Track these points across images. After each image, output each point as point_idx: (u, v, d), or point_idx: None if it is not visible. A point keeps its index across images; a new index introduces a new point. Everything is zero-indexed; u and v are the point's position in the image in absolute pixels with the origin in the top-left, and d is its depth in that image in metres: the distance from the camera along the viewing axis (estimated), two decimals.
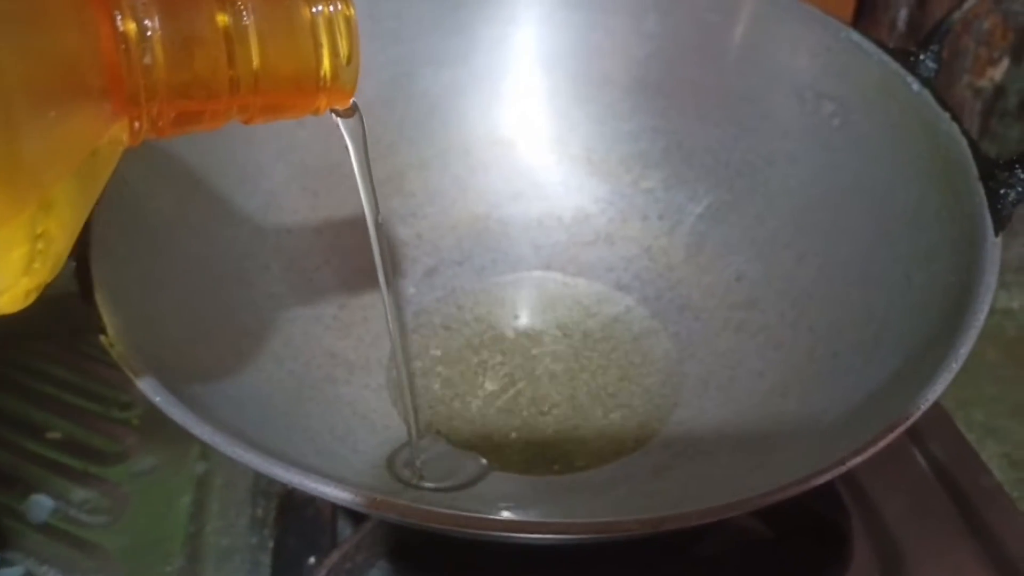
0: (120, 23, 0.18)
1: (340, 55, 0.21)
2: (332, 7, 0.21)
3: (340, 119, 0.25)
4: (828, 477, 0.26)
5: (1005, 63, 0.57)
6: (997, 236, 0.32)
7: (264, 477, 0.37)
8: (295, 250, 0.41)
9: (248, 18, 0.20)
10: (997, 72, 0.58)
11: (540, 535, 0.26)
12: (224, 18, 0.20)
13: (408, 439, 0.36)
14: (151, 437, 0.42)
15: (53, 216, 0.17)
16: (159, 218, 0.35)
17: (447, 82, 0.45)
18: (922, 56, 0.37)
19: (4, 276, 0.17)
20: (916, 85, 0.36)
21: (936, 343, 0.30)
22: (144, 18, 0.18)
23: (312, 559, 0.36)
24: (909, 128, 0.36)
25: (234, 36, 0.20)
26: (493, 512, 0.33)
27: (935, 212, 0.34)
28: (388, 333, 0.34)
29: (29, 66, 0.16)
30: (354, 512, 0.35)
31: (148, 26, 0.18)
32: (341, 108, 0.24)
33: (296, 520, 0.38)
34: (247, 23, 0.20)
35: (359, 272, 0.41)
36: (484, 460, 0.37)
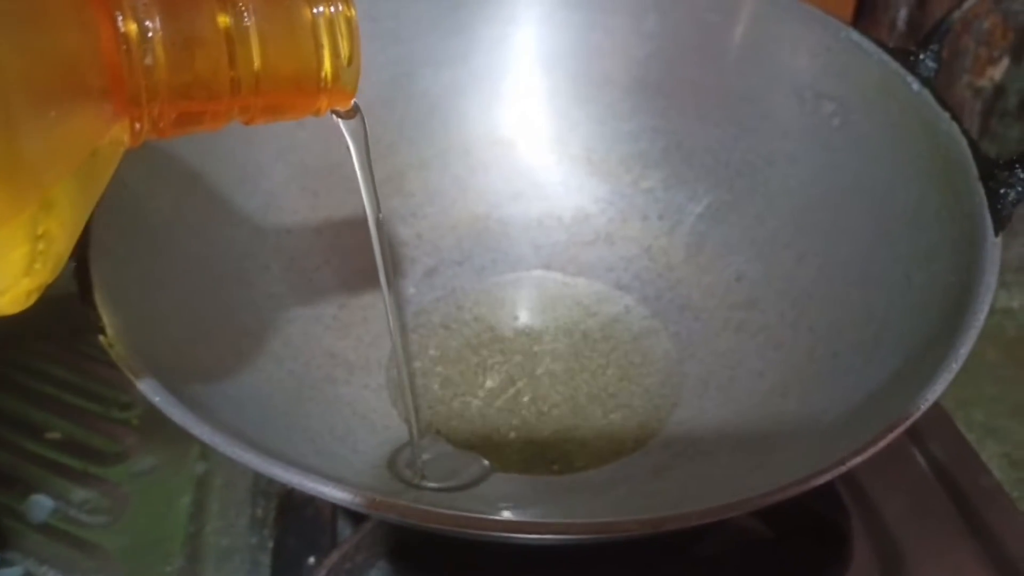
0: (121, 24, 0.18)
1: (341, 56, 0.21)
2: (333, 8, 0.21)
3: (341, 120, 0.25)
4: (828, 477, 0.26)
5: (1005, 63, 0.57)
6: (997, 236, 0.32)
7: (264, 477, 0.37)
8: (295, 250, 0.41)
9: (249, 19, 0.20)
10: (997, 72, 0.58)
11: (540, 535, 0.26)
12: (225, 19, 0.20)
13: (409, 439, 0.36)
14: (151, 437, 0.42)
15: (54, 216, 0.17)
16: (159, 218, 0.35)
17: (447, 82, 0.45)
18: (922, 56, 0.37)
19: (5, 276, 0.17)
20: (916, 85, 0.36)
21: (936, 343, 0.30)
22: (145, 19, 0.18)
23: (312, 559, 0.36)
24: (909, 128, 0.36)
25: (235, 37, 0.20)
26: (493, 512, 0.33)
27: (935, 212, 0.34)
28: (388, 333, 0.34)
29: (30, 66, 0.16)
30: (354, 512, 0.35)
31: (149, 27, 0.18)
32: (342, 109, 0.24)
33: (296, 520, 0.38)
34: (248, 24, 0.20)
35: (359, 272, 0.41)
36: (486, 461, 0.37)
